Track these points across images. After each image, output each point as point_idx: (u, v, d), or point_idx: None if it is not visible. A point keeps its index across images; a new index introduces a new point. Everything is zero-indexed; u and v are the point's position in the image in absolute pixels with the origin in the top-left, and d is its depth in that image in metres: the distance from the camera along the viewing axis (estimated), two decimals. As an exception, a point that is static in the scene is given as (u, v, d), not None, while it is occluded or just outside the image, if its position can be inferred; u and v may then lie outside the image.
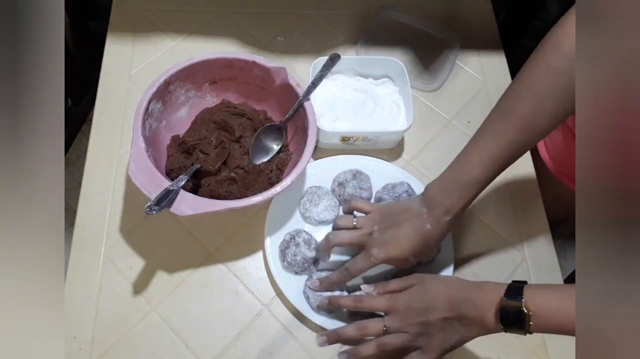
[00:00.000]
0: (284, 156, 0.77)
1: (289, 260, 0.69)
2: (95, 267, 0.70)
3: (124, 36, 0.90)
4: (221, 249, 0.73)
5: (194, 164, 0.73)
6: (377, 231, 0.63)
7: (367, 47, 0.92)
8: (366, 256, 0.63)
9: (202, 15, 0.94)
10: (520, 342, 0.70)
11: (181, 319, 0.68)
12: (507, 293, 0.52)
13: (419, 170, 0.81)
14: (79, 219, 0.73)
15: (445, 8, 1.00)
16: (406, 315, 0.57)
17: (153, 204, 0.60)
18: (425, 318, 0.56)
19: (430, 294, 0.57)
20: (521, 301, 0.51)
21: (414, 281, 0.60)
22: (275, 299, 0.70)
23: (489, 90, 0.91)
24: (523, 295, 0.51)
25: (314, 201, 0.74)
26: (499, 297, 0.52)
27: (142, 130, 0.68)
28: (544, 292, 0.52)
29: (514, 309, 0.51)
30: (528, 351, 0.69)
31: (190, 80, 0.76)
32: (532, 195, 0.81)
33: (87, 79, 1.53)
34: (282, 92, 0.76)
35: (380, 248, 0.62)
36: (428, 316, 0.56)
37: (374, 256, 0.62)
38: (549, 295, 0.51)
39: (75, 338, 0.66)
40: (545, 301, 0.50)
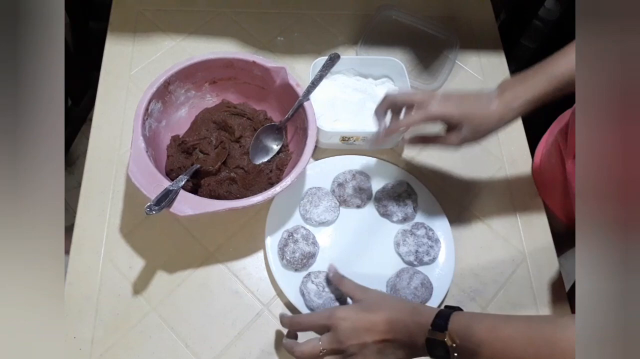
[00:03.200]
0: (284, 156, 0.77)
1: (288, 258, 0.69)
2: (95, 267, 0.70)
3: (124, 36, 0.90)
4: (221, 249, 0.73)
5: (193, 164, 0.73)
6: (442, 93, 0.64)
7: (367, 47, 0.92)
8: (422, 108, 0.63)
9: (202, 15, 0.94)
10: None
11: (181, 319, 0.68)
12: (434, 323, 0.51)
13: (419, 170, 0.81)
14: (78, 219, 0.73)
15: (445, 8, 1.00)
16: (344, 335, 0.55)
17: (153, 204, 0.60)
18: (362, 340, 0.54)
19: (371, 315, 0.55)
20: (445, 333, 0.49)
21: (358, 294, 0.59)
22: (276, 299, 0.70)
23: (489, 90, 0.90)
24: (448, 326, 0.50)
25: (314, 202, 0.74)
26: (428, 326, 0.51)
27: (142, 130, 0.68)
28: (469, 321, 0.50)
29: (439, 341, 0.50)
30: (528, 351, 0.69)
31: (190, 81, 0.76)
32: (532, 195, 0.81)
33: (87, 79, 1.53)
34: (282, 92, 0.76)
35: (440, 104, 0.62)
36: (366, 338, 0.54)
37: (430, 109, 0.62)
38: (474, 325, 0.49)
39: (75, 338, 0.66)
40: (470, 331, 0.49)
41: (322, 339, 0.56)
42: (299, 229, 0.72)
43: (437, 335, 0.50)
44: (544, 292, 0.73)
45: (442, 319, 0.51)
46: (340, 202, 0.76)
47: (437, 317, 0.51)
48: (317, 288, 0.67)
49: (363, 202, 0.76)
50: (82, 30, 1.47)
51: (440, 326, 0.50)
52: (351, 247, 0.74)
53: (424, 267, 0.72)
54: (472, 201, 0.80)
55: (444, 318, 0.51)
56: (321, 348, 0.55)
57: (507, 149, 0.85)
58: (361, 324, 0.55)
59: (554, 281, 0.74)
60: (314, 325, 0.58)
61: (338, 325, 0.55)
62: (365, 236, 0.75)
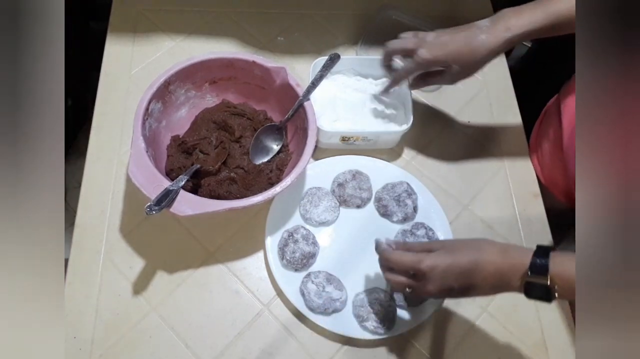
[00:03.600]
0: (284, 156, 0.77)
1: (288, 258, 0.69)
2: (95, 267, 0.70)
3: (124, 36, 0.90)
4: (221, 249, 0.73)
5: (194, 164, 0.73)
6: (432, 35, 0.65)
7: (367, 47, 0.92)
8: (414, 57, 0.65)
9: (202, 15, 0.94)
10: (520, 342, 0.70)
11: (181, 319, 0.68)
12: (532, 267, 0.51)
13: (419, 170, 0.81)
14: (79, 219, 0.73)
15: (445, 8, 1.00)
16: (432, 283, 0.56)
17: (153, 204, 0.60)
18: (449, 285, 0.56)
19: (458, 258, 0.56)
20: (547, 276, 0.50)
21: (437, 246, 0.59)
22: (276, 299, 0.70)
23: (488, 90, 0.91)
24: (549, 269, 0.50)
25: (314, 202, 0.74)
26: (524, 269, 0.52)
27: (142, 130, 0.68)
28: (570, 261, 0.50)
29: (540, 285, 0.50)
30: (528, 351, 0.69)
31: (190, 81, 0.76)
32: (532, 195, 0.81)
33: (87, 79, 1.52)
34: (282, 92, 0.76)
35: (428, 49, 0.63)
36: (453, 283, 0.55)
37: (420, 56, 0.64)
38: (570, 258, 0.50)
39: (75, 338, 0.66)
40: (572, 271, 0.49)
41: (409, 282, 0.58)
42: (299, 229, 0.72)
43: (539, 278, 0.50)
44: (544, 292, 0.73)
45: (541, 261, 0.51)
46: (340, 202, 0.76)
47: (535, 259, 0.51)
48: (317, 288, 0.67)
49: (363, 202, 0.76)
50: (82, 30, 1.47)
51: (541, 269, 0.50)
52: (351, 248, 0.74)
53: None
54: (472, 201, 0.80)
55: (544, 261, 0.51)
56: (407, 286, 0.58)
57: (507, 149, 0.85)
58: (449, 269, 0.55)
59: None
60: (400, 268, 0.59)
61: (425, 274, 0.56)
62: (365, 236, 0.75)
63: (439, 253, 0.57)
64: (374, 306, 0.67)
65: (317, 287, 0.68)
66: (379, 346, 0.68)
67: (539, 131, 0.86)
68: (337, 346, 0.68)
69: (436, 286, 0.56)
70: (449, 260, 0.55)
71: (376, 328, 0.66)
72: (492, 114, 0.88)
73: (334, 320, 0.68)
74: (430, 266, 0.55)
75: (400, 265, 0.59)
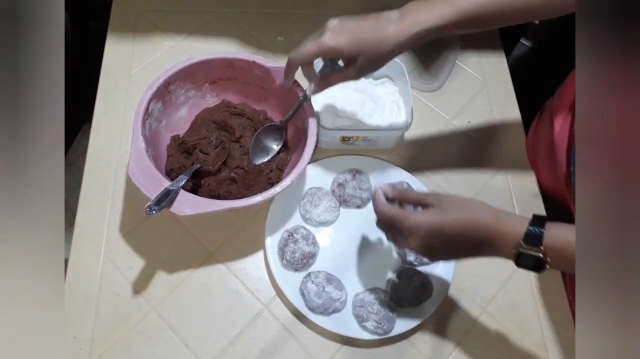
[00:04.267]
0: (284, 156, 0.77)
1: (288, 258, 0.69)
2: (95, 267, 0.70)
3: (124, 36, 0.90)
4: (221, 249, 0.73)
5: (194, 164, 0.73)
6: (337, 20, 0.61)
7: (367, 47, 0.92)
8: (316, 39, 0.60)
9: (202, 15, 0.94)
10: (520, 342, 0.70)
11: (181, 319, 0.68)
12: (527, 237, 0.50)
13: (419, 170, 0.81)
14: (78, 219, 0.73)
15: (445, 8, 1.00)
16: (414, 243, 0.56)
17: (153, 204, 0.60)
18: (432, 245, 0.55)
19: (445, 219, 0.54)
20: (540, 248, 0.49)
21: (432, 200, 0.57)
22: (275, 299, 0.70)
23: (488, 90, 0.91)
24: (542, 242, 0.49)
25: (314, 202, 0.74)
26: (517, 239, 0.51)
27: (142, 130, 0.68)
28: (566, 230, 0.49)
29: (532, 256, 0.50)
30: (528, 351, 0.69)
31: (190, 80, 0.76)
32: (532, 195, 0.81)
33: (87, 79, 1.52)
34: (282, 92, 0.76)
35: (332, 35, 0.59)
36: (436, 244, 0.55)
37: (322, 41, 0.59)
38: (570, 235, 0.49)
39: (75, 337, 0.66)
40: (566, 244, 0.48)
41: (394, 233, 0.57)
42: (299, 229, 0.72)
43: (531, 250, 0.50)
44: (543, 292, 0.73)
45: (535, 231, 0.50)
46: (340, 202, 0.76)
47: (530, 229, 0.50)
48: (317, 288, 0.67)
49: (363, 202, 0.76)
50: (82, 30, 1.47)
51: (536, 239, 0.50)
52: (351, 248, 0.74)
53: (424, 268, 0.72)
54: (472, 201, 0.80)
55: (538, 231, 0.50)
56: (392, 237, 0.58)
57: (507, 149, 0.85)
58: (435, 231, 0.54)
59: (554, 281, 0.74)
60: (386, 220, 0.58)
61: (408, 232, 0.55)
62: (365, 236, 0.75)
63: (428, 213, 0.55)
64: (373, 306, 0.67)
65: (317, 287, 0.68)
66: (378, 346, 0.68)
67: (536, 132, 0.86)
68: (337, 346, 0.68)
69: (418, 244, 0.55)
70: (436, 222, 0.54)
71: (376, 328, 0.66)
72: (492, 114, 0.88)
73: (333, 320, 0.68)
74: (414, 225, 0.55)
75: (387, 217, 0.58)
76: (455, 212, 0.55)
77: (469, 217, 0.54)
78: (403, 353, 0.68)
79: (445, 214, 0.54)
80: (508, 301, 0.72)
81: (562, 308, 0.72)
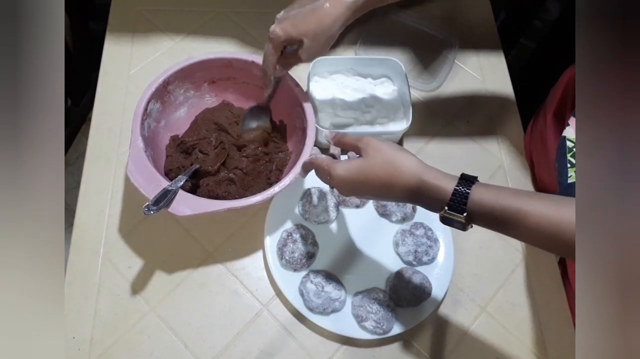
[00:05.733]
0: (283, 156, 0.77)
1: (287, 258, 0.69)
2: (94, 267, 0.70)
3: (123, 36, 0.90)
4: (220, 249, 0.73)
5: (193, 164, 0.73)
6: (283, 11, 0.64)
7: (366, 47, 0.92)
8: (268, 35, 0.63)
9: (202, 15, 0.94)
10: (520, 342, 0.70)
11: (180, 319, 0.68)
12: (451, 203, 0.51)
13: (418, 170, 0.81)
14: (78, 219, 0.73)
15: (445, 8, 1.00)
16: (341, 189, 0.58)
17: (151, 204, 0.60)
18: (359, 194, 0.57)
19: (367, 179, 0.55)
20: (463, 214, 0.50)
21: (361, 145, 0.57)
22: (275, 299, 0.70)
23: (488, 90, 0.91)
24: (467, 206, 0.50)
25: (313, 202, 0.74)
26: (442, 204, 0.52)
27: (141, 130, 0.68)
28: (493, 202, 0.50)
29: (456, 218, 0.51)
30: (527, 350, 0.69)
31: (189, 80, 0.76)
32: (531, 195, 0.81)
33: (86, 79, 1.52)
34: (280, 91, 0.76)
35: (279, 24, 0.62)
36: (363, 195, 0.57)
37: (271, 33, 0.62)
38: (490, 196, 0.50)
39: (74, 338, 0.66)
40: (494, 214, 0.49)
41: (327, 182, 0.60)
42: (298, 229, 0.72)
43: (455, 216, 0.51)
44: (542, 292, 0.73)
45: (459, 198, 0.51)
46: (339, 202, 0.76)
47: (454, 195, 0.51)
48: (316, 287, 0.68)
49: (362, 202, 0.76)
50: (82, 30, 1.47)
51: (458, 208, 0.51)
52: (350, 247, 0.74)
53: (423, 267, 0.72)
54: (471, 201, 0.80)
55: (462, 197, 0.50)
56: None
57: (506, 149, 0.85)
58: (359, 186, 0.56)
59: (553, 281, 0.74)
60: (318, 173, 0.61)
61: (336, 184, 0.58)
62: (364, 236, 0.75)
63: (352, 165, 0.56)
64: (373, 306, 0.67)
65: (316, 287, 0.68)
66: (378, 346, 0.68)
67: (532, 132, 0.86)
68: (336, 346, 0.68)
69: (347, 194, 0.58)
70: (360, 178, 0.55)
71: (375, 328, 0.66)
72: (492, 114, 0.88)
73: (333, 320, 0.68)
74: (338, 180, 0.57)
75: (317, 168, 0.61)
76: (380, 168, 0.55)
77: (393, 176, 0.54)
78: (402, 352, 0.68)
79: (370, 171, 0.55)
80: (507, 300, 0.73)
81: (562, 307, 0.72)
